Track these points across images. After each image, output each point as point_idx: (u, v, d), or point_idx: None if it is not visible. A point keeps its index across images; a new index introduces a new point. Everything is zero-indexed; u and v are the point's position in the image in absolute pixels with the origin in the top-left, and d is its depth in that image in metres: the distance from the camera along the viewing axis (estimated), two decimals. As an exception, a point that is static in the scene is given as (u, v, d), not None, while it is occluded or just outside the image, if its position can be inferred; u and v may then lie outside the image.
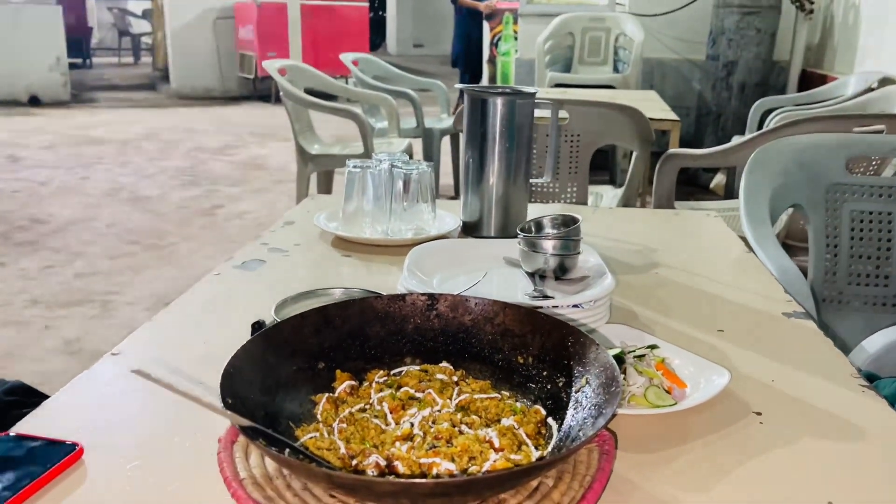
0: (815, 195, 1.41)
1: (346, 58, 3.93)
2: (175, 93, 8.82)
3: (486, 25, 6.69)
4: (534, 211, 1.20)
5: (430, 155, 3.88)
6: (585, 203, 2.12)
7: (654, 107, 3.03)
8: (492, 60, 6.72)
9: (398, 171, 1.22)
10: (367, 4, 9.09)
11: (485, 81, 6.89)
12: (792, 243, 2.03)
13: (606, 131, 2.05)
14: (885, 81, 3.34)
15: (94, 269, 3.21)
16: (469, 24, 6.72)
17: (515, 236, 0.98)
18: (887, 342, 1.04)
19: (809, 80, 4.37)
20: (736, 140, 2.24)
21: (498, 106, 1.23)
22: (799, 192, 1.41)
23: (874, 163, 1.76)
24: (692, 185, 4.48)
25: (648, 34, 4.56)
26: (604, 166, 4.39)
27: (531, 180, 1.28)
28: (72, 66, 8.89)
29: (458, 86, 1.37)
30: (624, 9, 4.87)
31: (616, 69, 4.66)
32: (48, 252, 3.42)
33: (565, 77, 4.39)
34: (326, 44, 7.71)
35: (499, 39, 6.51)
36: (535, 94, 1.26)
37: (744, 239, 1.28)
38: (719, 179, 4.44)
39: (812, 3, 4.30)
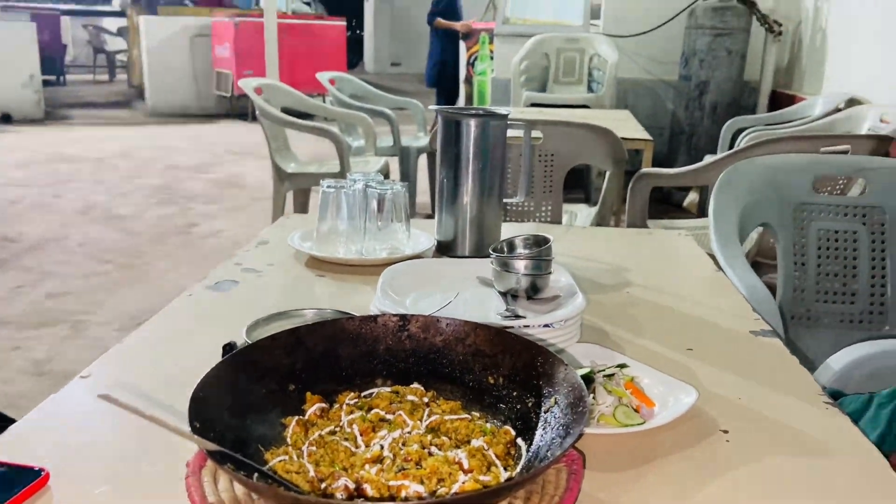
0: (783, 214, 1.44)
1: (323, 76, 3.94)
2: (151, 110, 8.77)
3: (462, 45, 6.75)
4: (508, 230, 1.21)
5: (407, 173, 3.90)
6: (560, 222, 2.14)
7: (627, 126, 3.08)
8: (468, 80, 6.78)
9: (372, 191, 1.22)
10: (344, 23, 9.14)
11: (461, 101, 6.94)
12: (762, 261, 2.06)
13: (580, 151, 2.07)
14: (851, 102, 3.42)
15: (65, 289, 3.17)
16: (444, 45, 6.84)
17: (489, 256, 0.99)
18: (851, 359, 1.06)
19: (779, 100, 4.46)
20: (708, 159, 2.27)
21: (471, 127, 1.24)
22: (767, 212, 1.44)
23: (840, 182, 1.80)
24: (666, 204, 4.53)
25: (622, 55, 4.63)
26: (579, 185, 4.44)
27: (505, 200, 1.30)
28: (46, 83, 8.81)
29: (433, 107, 1.38)
30: (598, 30, 4.95)
31: (591, 89, 4.72)
32: (18, 272, 3.37)
33: (541, 97, 4.44)
34: (303, 62, 7.73)
35: (475, 59, 6.57)
36: (507, 115, 1.27)
37: (713, 257, 1.30)
38: (692, 198, 4.50)
39: (780, 25, 4.40)
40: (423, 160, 4.05)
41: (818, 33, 4.18)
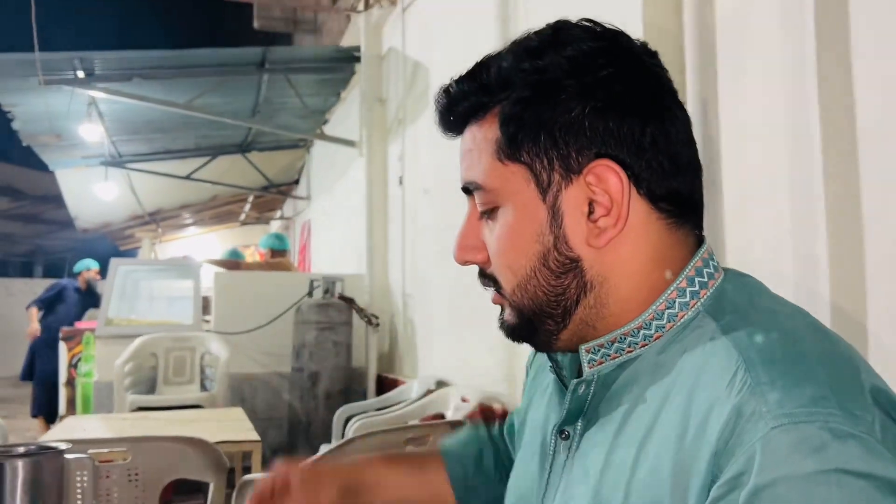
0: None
1: None
2: None
3: (62, 346, 6.23)
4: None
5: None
6: (157, 548, 1.92)
7: (236, 427, 3.01)
8: (70, 382, 6.17)
9: None
10: None
11: (62, 406, 6.25)
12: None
13: (173, 465, 1.94)
14: (440, 384, 3.86)
15: None
16: (37, 343, 6.77)
17: None
18: None
19: (385, 384, 4.84)
20: (323, 449, 2.30)
21: (18, 469, 1.09)
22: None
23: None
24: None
25: (236, 350, 4.68)
26: (200, 488, 4.13)
27: (63, 549, 1.12)
28: None
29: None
30: (210, 327, 4.99)
31: (204, 387, 4.62)
32: None
33: (148, 399, 4.20)
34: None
35: (79, 360, 6.06)
36: (64, 450, 1.15)
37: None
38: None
39: (377, 317, 4.92)
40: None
41: (408, 324, 4.76)
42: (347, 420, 3.70)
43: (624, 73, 0.64)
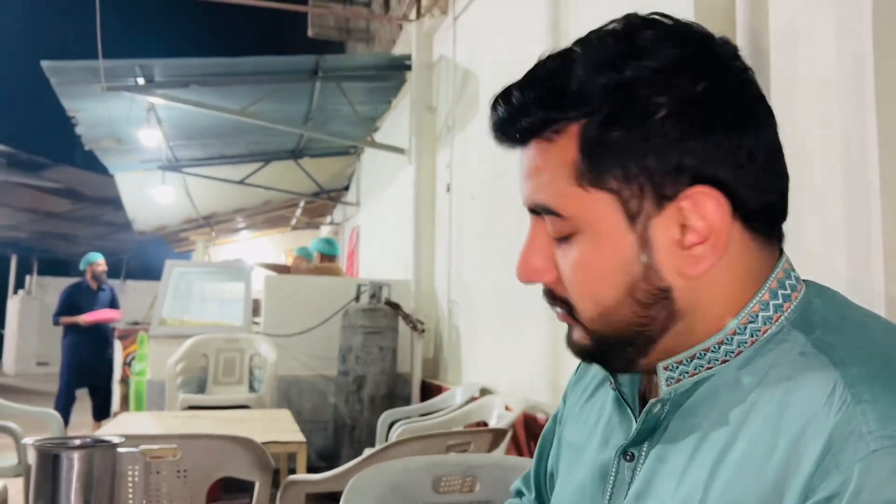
0: (410, 518, 1.49)
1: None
2: None
3: (118, 344, 6.42)
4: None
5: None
6: (203, 544, 1.96)
7: (283, 428, 3.06)
8: (124, 380, 6.35)
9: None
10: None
11: (116, 403, 6.42)
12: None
13: (221, 464, 1.99)
14: (483, 391, 3.85)
15: None
16: (79, 343, 6.77)
17: None
18: None
19: (429, 390, 4.86)
20: (366, 452, 2.33)
21: (74, 461, 1.13)
22: (395, 518, 1.48)
23: (468, 479, 1.95)
24: (334, 501, 4.46)
25: (283, 353, 4.76)
26: (245, 488, 4.20)
27: (113, 540, 1.15)
28: None
29: (27, 441, 1.24)
30: (259, 329, 5.08)
31: (252, 388, 4.71)
32: None
33: (199, 399, 4.30)
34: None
35: (133, 359, 6.24)
36: (118, 444, 1.18)
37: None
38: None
39: (422, 323, 4.94)
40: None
41: (453, 331, 4.77)
42: (391, 424, 3.73)
43: (716, 85, 0.59)
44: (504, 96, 0.64)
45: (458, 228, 4.73)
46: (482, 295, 4.23)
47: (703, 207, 0.59)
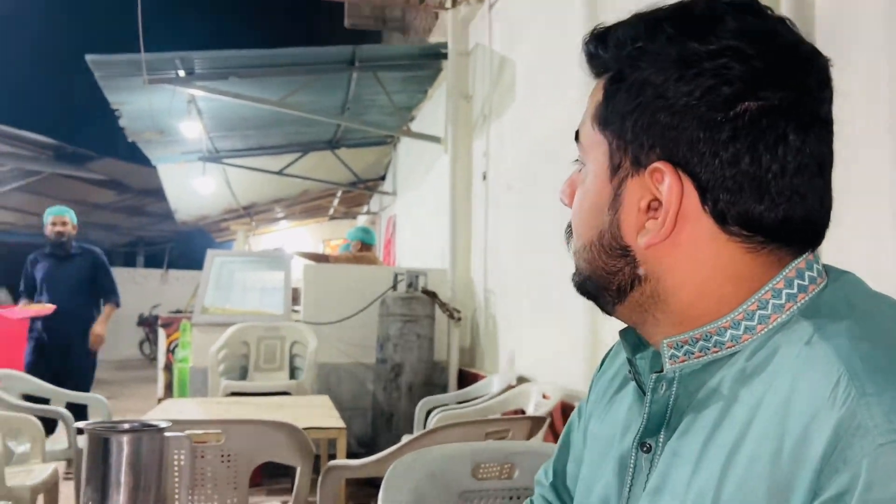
0: (448, 503, 1.50)
1: (-13, 376, 3.52)
2: None
3: (161, 332, 6.57)
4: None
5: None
6: (247, 526, 2.01)
7: (323, 415, 3.11)
8: (168, 367, 6.50)
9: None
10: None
11: (160, 389, 6.58)
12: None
13: (264, 449, 2.03)
14: (521, 380, 3.86)
15: None
16: (36, 347, 4.86)
17: None
18: None
19: (466, 378, 4.88)
20: (405, 439, 2.36)
21: (123, 444, 1.17)
22: (434, 502, 1.49)
23: (506, 466, 1.96)
24: (373, 486, 4.51)
25: (323, 340, 4.82)
26: (286, 473, 4.28)
27: (162, 521, 1.19)
28: None
29: (79, 424, 1.29)
30: (299, 317, 5.15)
31: (293, 375, 4.78)
32: None
33: (241, 385, 4.38)
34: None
35: (176, 346, 6.38)
36: (165, 428, 1.22)
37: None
38: (398, 477, 4.54)
39: (459, 312, 4.96)
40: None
41: (490, 320, 4.78)
42: (429, 412, 3.76)
43: (745, 92, 0.59)
44: (592, 34, 0.69)
45: (495, 217, 4.72)
46: (519, 283, 4.22)
47: (662, 184, 0.62)
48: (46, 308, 4.77)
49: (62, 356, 4.65)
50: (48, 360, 4.55)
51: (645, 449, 0.66)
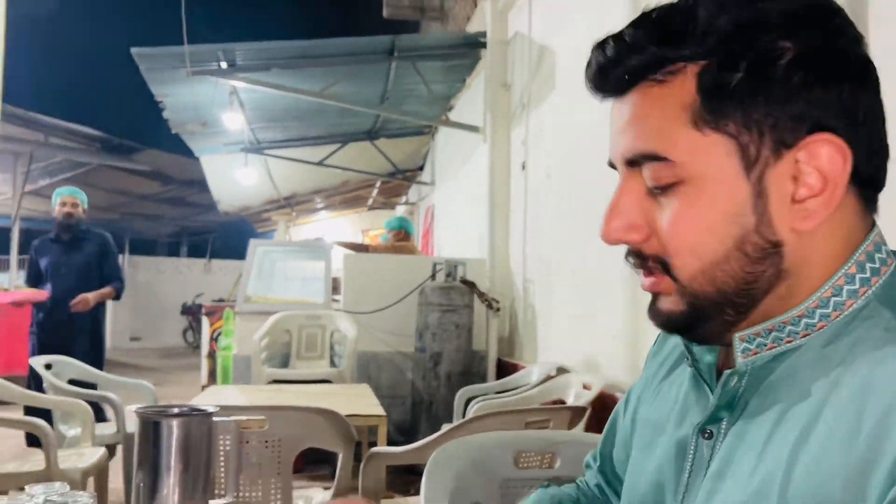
0: (490, 491, 1.51)
1: (38, 361, 3.63)
2: None
3: (205, 320, 6.70)
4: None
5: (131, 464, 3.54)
6: (290, 510, 2.04)
7: (363, 402, 3.14)
8: (212, 355, 6.63)
9: (50, 508, 1.09)
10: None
11: (204, 376, 6.72)
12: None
13: (307, 435, 2.06)
14: (560, 370, 3.84)
15: None
16: (42, 337, 4.69)
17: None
18: None
19: (504, 367, 4.88)
20: (444, 428, 2.37)
21: (172, 428, 1.20)
22: (476, 490, 1.50)
23: (547, 455, 1.96)
24: (413, 474, 4.55)
25: (363, 329, 4.86)
26: (328, 460, 4.34)
27: (211, 502, 1.22)
28: None
29: (130, 408, 1.32)
30: (339, 306, 5.21)
31: (333, 363, 4.83)
32: None
33: (283, 373, 4.45)
34: (15, 344, 5.12)
35: (219, 334, 6.50)
36: (213, 413, 1.25)
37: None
38: (437, 466, 4.57)
39: (498, 302, 4.96)
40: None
41: (528, 310, 4.76)
42: (468, 401, 3.77)
43: (840, 36, 0.58)
44: (615, 36, 0.61)
45: (534, 206, 4.70)
46: (558, 273, 4.20)
47: (820, 158, 0.57)
48: (40, 293, 4.60)
49: (67, 348, 4.29)
50: (54, 351, 4.10)
51: (706, 435, 0.65)
